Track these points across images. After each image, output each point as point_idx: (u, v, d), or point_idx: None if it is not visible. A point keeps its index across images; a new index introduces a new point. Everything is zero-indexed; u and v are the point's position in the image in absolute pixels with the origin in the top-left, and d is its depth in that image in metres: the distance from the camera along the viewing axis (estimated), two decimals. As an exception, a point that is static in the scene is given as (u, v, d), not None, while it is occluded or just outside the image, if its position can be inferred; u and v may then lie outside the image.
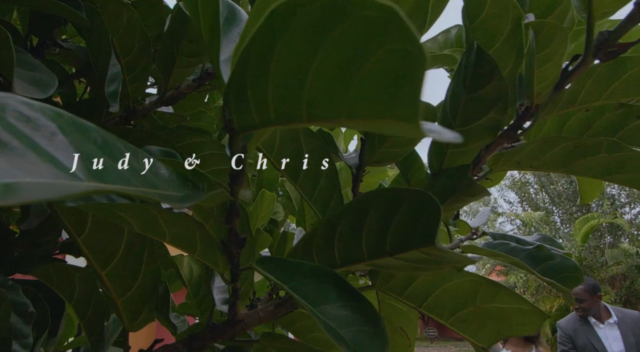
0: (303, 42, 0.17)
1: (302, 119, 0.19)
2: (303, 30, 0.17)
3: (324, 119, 0.18)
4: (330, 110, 0.18)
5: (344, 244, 0.37)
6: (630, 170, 0.40)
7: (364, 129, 0.21)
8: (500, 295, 0.42)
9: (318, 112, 0.18)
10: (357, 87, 0.15)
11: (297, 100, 0.19)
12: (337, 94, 0.17)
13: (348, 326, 0.32)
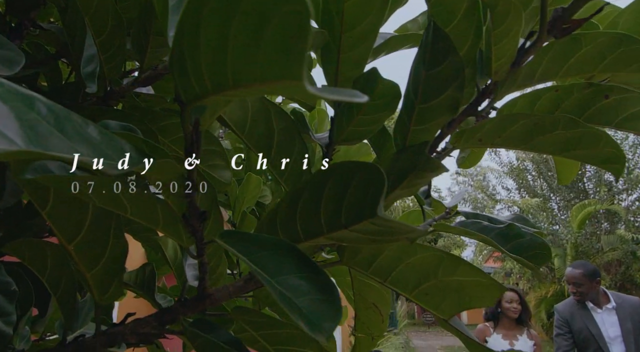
0: (220, 14, 0.18)
1: (230, 87, 0.20)
2: (219, 2, 0.17)
3: (244, 84, 0.19)
4: (248, 76, 0.18)
5: (305, 218, 0.39)
6: (585, 146, 0.41)
7: (273, 93, 0.21)
8: (461, 268, 0.43)
9: (240, 78, 0.19)
10: (263, 51, 0.16)
11: (224, 68, 0.20)
12: (251, 60, 0.17)
13: (303, 295, 0.33)
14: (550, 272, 11.09)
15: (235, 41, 0.18)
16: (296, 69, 0.14)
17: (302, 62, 0.14)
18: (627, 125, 0.53)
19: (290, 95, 0.55)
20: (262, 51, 0.16)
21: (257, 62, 0.17)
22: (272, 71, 0.16)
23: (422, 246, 0.45)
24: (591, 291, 2.73)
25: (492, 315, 2.98)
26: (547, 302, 11.20)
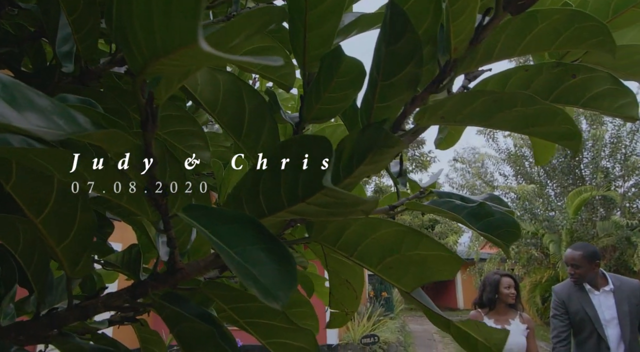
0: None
1: (161, 54, 0.21)
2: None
3: (172, 51, 0.19)
4: (171, 43, 0.19)
5: (267, 193, 0.39)
6: (543, 123, 0.42)
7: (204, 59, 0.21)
8: (423, 243, 0.44)
9: (166, 45, 0.20)
10: (174, 18, 0.17)
11: (153, 36, 0.20)
12: (169, 27, 0.18)
13: (260, 265, 0.35)
14: (546, 258, 11.19)
15: (156, 9, 0.18)
16: (191, 34, 0.15)
17: (196, 26, 0.14)
18: (592, 104, 0.53)
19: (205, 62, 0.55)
20: (173, 18, 0.17)
21: (174, 29, 0.17)
22: (182, 37, 0.16)
23: (386, 221, 0.46)
24: (589, 273, 2.70)
25: (489, 301, 2.94)
26: (541, 287, 11.33)
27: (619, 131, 11.33)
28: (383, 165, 0.46)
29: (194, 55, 0.17)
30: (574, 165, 11.56)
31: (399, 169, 0.61)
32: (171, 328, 0.41)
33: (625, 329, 2.59)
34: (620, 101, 0.51)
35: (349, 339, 9.07)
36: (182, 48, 0.17)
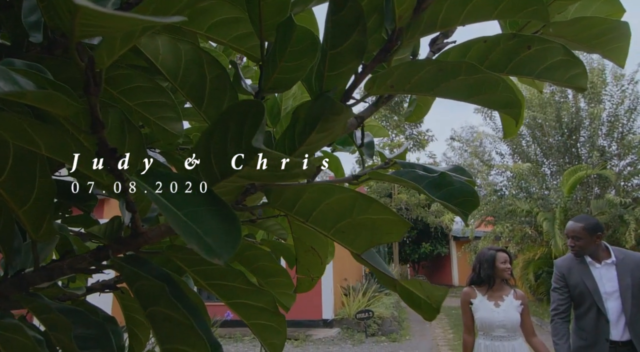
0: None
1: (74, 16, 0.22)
2: None
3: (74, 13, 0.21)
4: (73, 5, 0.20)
5: (217, 158, 0.41)
6: (486, 91, 0.43)
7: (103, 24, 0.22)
8: (372, 207, 0.46)
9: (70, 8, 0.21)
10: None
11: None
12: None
13: (205, 225, 0.36)
14: (539, 236, 11.34)
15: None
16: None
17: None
18: (546, 75, 0.55)
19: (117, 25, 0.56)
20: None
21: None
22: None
23: (339, 187, 0.48)
24: (590, 245, 2.63)
25: (488, 278, 2.86)
26: (534, 265, 11.52)
27: (616, 110, 11.29)
28: (335, 133, 0.48)
29: (89, 14, 0.19)
30: (571, 144, 11.57)
31: (362, 139, 0.63)
32: (130, 286, 0.43)
33: (627, 302, 2.54)
34: (572, 72, 0.52)
35: (344, 315, 9.27)
36: (78, 9, 0.18)
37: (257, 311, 0.53)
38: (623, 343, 2.54)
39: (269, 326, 0.53)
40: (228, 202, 0.51)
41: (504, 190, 12.78)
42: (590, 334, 2.62)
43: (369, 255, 0.49)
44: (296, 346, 7.77)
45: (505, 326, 2.75)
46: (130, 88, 0.68)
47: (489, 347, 2.77)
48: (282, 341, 0.54)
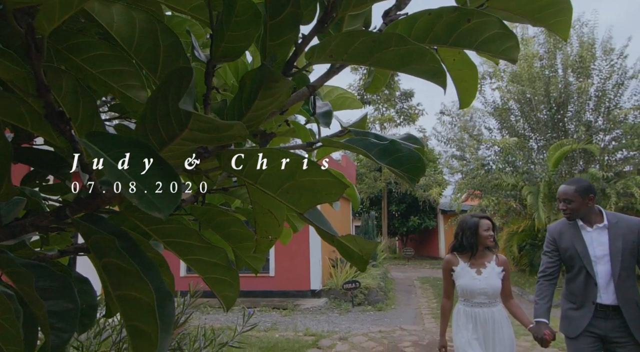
0: None
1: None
2: None
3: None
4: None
5: (163, 121, 0.44)
6: (415, 62, 0.46)
7: None
8: (313, 170, 0.50)
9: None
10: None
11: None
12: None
13: (147, 183, 0.40)
14: (524, 209, 11.58)
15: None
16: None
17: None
18: (484, 48, 0.58)
19: None
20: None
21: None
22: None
23: (284, 151, 0.51)
24: (582, 208, 2.59)
25: (471, 245, 2.81)
26: (518, 237, 11.84)
27: (604, 85, 11.35)
28: (280, 100, 0.51)
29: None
30: (558, 119, 11.67)
31: (314, 108, 0.66)
32: (86, 240, 0.47)
33: (616, 266, 2.50)
34: (506, 44, 0.55)
35: (331, 285, 9.50)
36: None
37: (211, 266, 0.57)
38: (610, 307, 2.52)
39: (223, 280, 0.57)
40: (181, 165, 0.55)
41: (491, 164, 12.94)
42: (578, 297, 2.61)
43: (312, 214, 0.53)
44: (284, 315, 7.99)
45: (486, 293, 2.75)
46: (93, 56, 0.70)
47: (468, 313, 2.78)
48: (235, 294, 0.59)
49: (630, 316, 2.47)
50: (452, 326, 2.90)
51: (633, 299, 2.50)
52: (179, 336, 2.15)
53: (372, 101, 21.15)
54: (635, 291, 2.52)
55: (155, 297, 0.40)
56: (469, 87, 0.79)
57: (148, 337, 0.39)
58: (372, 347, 5.81)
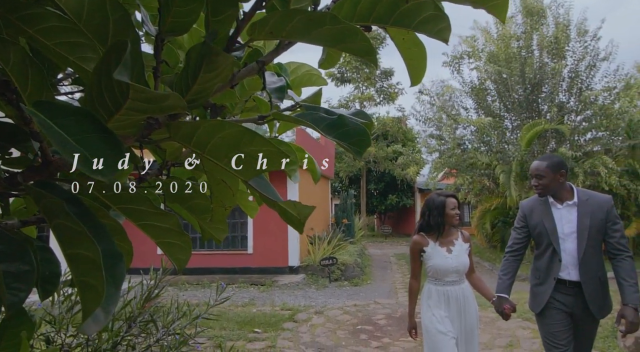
0: None
1: None
2: None
3: None
4: None
5: (108, 92, 0.47)
6: (348, 40, 0.50)
7: None
8: (256, 140, 0.53)
9: None
10: None
11: None
12: None
13: (91, 149, 0.43)
14: (497, 187, 11.91)
15: None
16: None
17: None
18: (421, 28, 0.62)
19: None
20: None
21: None
22: None
23: (229, 123, 0.55)
24: (553, 184, 2.57)
25: (438, 225, 2.78)
26: (491, 215, 12.20)
27: (577, 66, 11.60)
28: (224, 74, 0.54)
29: None
30: (533, 100, 11.91)
31: (263, 83, 0.68)
32: (37, 205, 0.50)
33: (582, 242, 2.51)
34: (439, 25, 0.59)
35: (309, 262, 9.66)
36: None
37: (164, 231, 0.60)
38: (575, 283, 2.54)
39: (175, 244, 0.61)
40: (131, 134, 0.58)
41: (467, 144, 13.17)
42: (542, 273, 2.63)
43: (257, 181, 0.57)
44: (262, 291, 8.12)
45: (458, 271, 2.76)
46: (47, 27, 0.70)
47: (440, 292, 2.76)
48: (187, 257, 0.63)
49: (589, 291, 2.50)
50: (422, 306, 2.85)
51: (596, 276, 2.53)
52: (152, 308, 2.19)
53: (352, 80, 21.05)
54: (600, 268, 2.55)
55: (101, 255, 0.43)
56: (418, 65, 0.83)
57: (95, 290, 0.43)
58: (347, 320, 6.00)
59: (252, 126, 0.96)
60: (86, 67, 0.76)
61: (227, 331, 5.31)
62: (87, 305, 0.43)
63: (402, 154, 16.48)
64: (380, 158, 20.52)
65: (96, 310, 0.43)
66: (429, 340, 2.71)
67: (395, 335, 5.18)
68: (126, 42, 0.37)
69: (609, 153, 10.92)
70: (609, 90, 11.23)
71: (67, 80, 1.13)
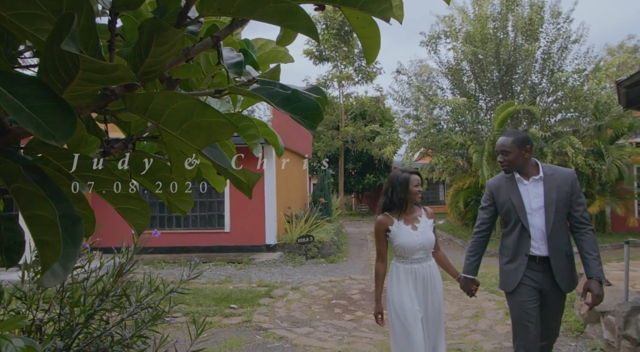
0: None
1: None
2: None
3: None
4: None
5: (61, 62, 0.49)
6: (291, 18, 0.53)
7: None
8: (208, 112, 0.57)
9: None
10: None
11: None
12: None
13: (45, 115, 0.46)
14: (470, 167, 12.21)
15: None
16: None
17: None
18: (366, 8, 0.65)
19: None
20: None
21: None
22: None
23: (182, 95, 0.58)
24: (519, 159, 2.57)
25: (401, 202, 2.74)
26: (464, 193, 12.54)
27: (549, 48, 11.83)
28: (175, 48, 0.57)
29: None
30: (507, 81, 12.13)
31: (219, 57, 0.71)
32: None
33: (550, 216, 2.51)
34: (382, 6, 0.63)
35: (286, 240, 9.77)
36: None
37: (123, 198, 0.64)
38: (542, 258, 2.55)
39: (134, 210, 0.65)
40: (88, 105, 0.60)
41: (442, 124, 13.38)
42: (511, 250, 2.62)
43: (210, 150, 0.60)
44: (239, 268, 8.20)
45: (425, 247, 2.73)
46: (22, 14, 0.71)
47: (408, 270, 2.72)
48: (146, 222, 0.67)
49: (557, 265, 2.52)
50: (388, 284, 2.81)
51: (563, 249, 2.55)
52: (125, 283, 2.22)
53: (331, 58, 20.87)
54: (566, 241, 2.56)
55: (57, 215, 0.47)
56: (372, 43, 0.87)
57: (53, 247, 0.47)
58: (322, 295, 6.15)
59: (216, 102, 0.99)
60: (43, 39, 0.77)
61: (203, 307, 5.38)
62: (46, 260, 0.47)
63: (380, 133, 16.59)
64: (358, 138, 20.62)
65: (55, 265, 0.47)
66: (396, 317, 2.68)
67: (368, 309, 5.36)
68: (73, 15, 0.40)
69: (576, 133, 11.29)
70: (579, 73, 11.53)
71: (30, 52, 1.12)
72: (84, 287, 2.07)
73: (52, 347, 1.89)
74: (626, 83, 4.10)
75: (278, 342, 4.21)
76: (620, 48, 20.14)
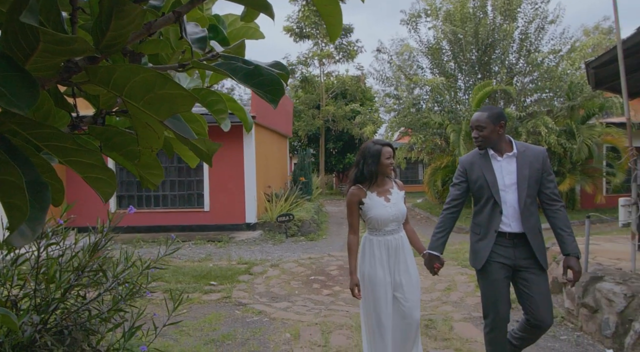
0: None
1: None
2: None
3: None
4: None
5: (22, 36, 0.51)
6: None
7: None
8: (169, 85, 0.60)
9: None
10: None
11: None
12: None
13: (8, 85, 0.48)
14: (447, 146, 12.41)
15: None
16: None
17: None
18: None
19: None
20: None
21: None
22: None
23: (143, 67, 0.61)
24: (493, 135, 2.57)
25: (371, 174, 2.71)
26: (442, 172, 12.78)
27: (527, 28, 11.95)
28: (136, 22, 0.59)
29: None
30: (485, 61, 12.25)
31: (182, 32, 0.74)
32: (-38, 140, 0.55)
33: (522, 193, 2.51)
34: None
35: (266, 219, 9.83)
36: None
37: (89, 166, 0.67)
38: (515, 234, 2.54)
39: (100, 178, 0.68)
40: (51, 76, 0.62)
41: (422, 103, 13.48)
42: (483, 227, 2.61)
43: (172, 122, 0.64)
44: (219, 247, 8.25)
45: (397, 219, 2.73)
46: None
47: (381, 242, 2.72)
48: (112, 190, 0.70)
49: (534, 242, 2.52)
50: (359, 256, 2.80)
51: (536, 226, 2.55)
52: (101, 259, 2.24)
53: (311, 35, 20.59)
54: (537, 218, 2.57)
55: (24, 180, 0.50)
56: (334, 21, 0.90)
57: (20, 209, 0.50)
58: (301, 272, 6.28)
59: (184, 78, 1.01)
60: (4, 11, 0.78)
61: (183, 284, 5.43)
62: (13, 222, 0.50)
63: (360, 113, 16.62)
64: (338, 117, 20.59)
65: (23, 226, 0.51)
66: (369, 288, 2.69)
67: (345, 284, 5.51)
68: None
69: (550, 114, 11.57)
70: (554, 53, 11.72)
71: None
72: (59, 263, 2.08)
73: (29, 321, 1.91)
74: (594, 64, 4.22)
75: (257, 317, 4.31)
76: (596, 29, 20.51)
